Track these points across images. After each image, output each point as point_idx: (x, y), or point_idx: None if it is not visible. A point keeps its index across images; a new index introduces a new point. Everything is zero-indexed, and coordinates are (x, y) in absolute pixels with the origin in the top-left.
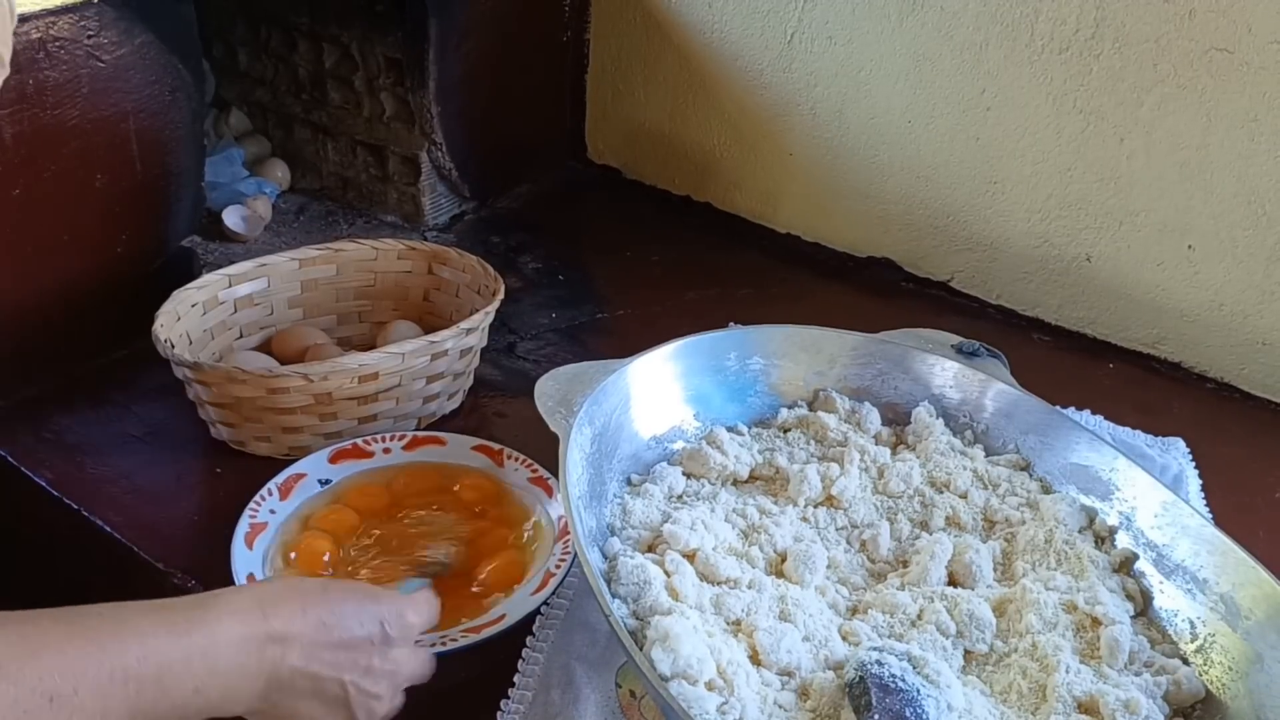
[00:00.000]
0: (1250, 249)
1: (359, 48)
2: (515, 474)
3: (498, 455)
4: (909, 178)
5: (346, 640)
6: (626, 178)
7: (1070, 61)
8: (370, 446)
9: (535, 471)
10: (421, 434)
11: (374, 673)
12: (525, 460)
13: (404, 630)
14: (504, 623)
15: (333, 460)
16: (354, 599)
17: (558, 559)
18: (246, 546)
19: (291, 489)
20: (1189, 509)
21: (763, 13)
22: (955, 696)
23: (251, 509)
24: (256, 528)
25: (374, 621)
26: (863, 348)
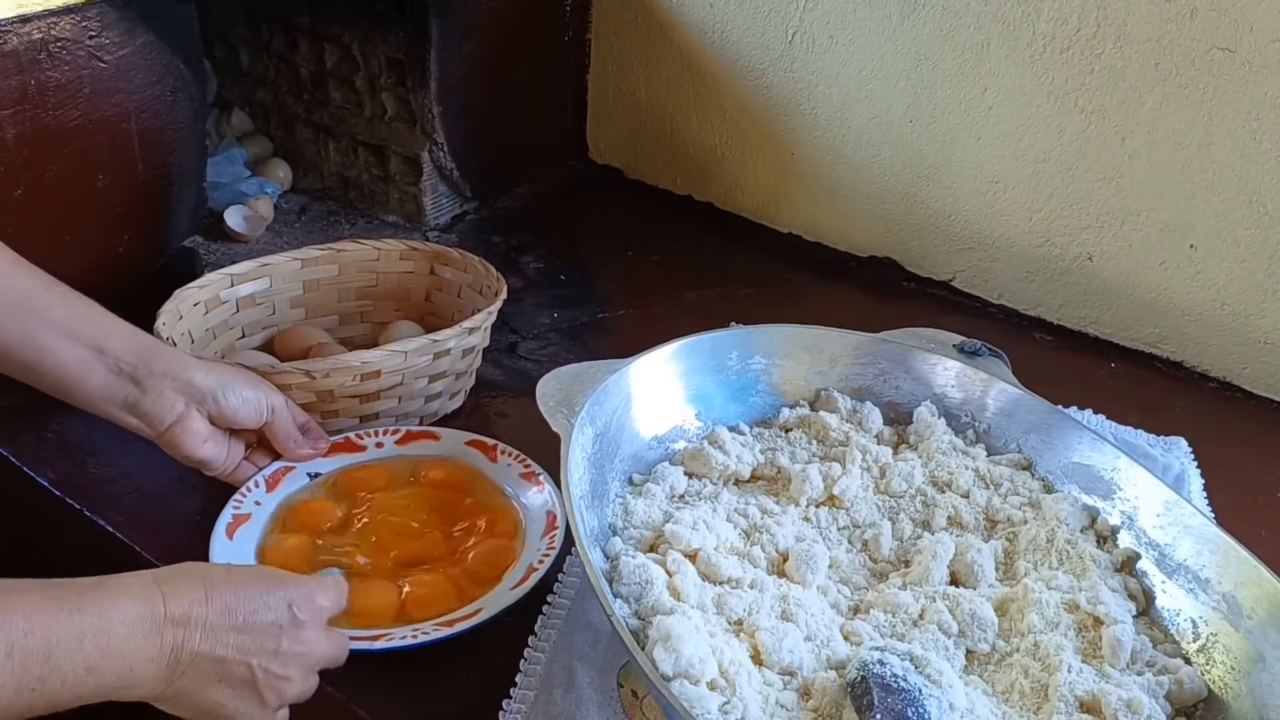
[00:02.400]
0: (1252, 248)
1: (360, 48)
2: (508, 469)
3: (491, 450)
4: (911, 177)
5: (252, 624)
6: (628, 177)
7: (1072, 61)
8: (362, 441)
9: (528, 467)
10: (415, 429)
11: (282, 656)
12: (518, 455)
13: (314, 613)
14: (479, 617)
15: (325, 454)
16: (260, 583)
17: (542, 553)
18: (227, 537)
19: (279, 481)
20: (1191, 508)
21: (764, 12)
22: (957, 696)
23: (236, 500)
24: (239, 519)
25: (281, 605)
26: (864, 347)
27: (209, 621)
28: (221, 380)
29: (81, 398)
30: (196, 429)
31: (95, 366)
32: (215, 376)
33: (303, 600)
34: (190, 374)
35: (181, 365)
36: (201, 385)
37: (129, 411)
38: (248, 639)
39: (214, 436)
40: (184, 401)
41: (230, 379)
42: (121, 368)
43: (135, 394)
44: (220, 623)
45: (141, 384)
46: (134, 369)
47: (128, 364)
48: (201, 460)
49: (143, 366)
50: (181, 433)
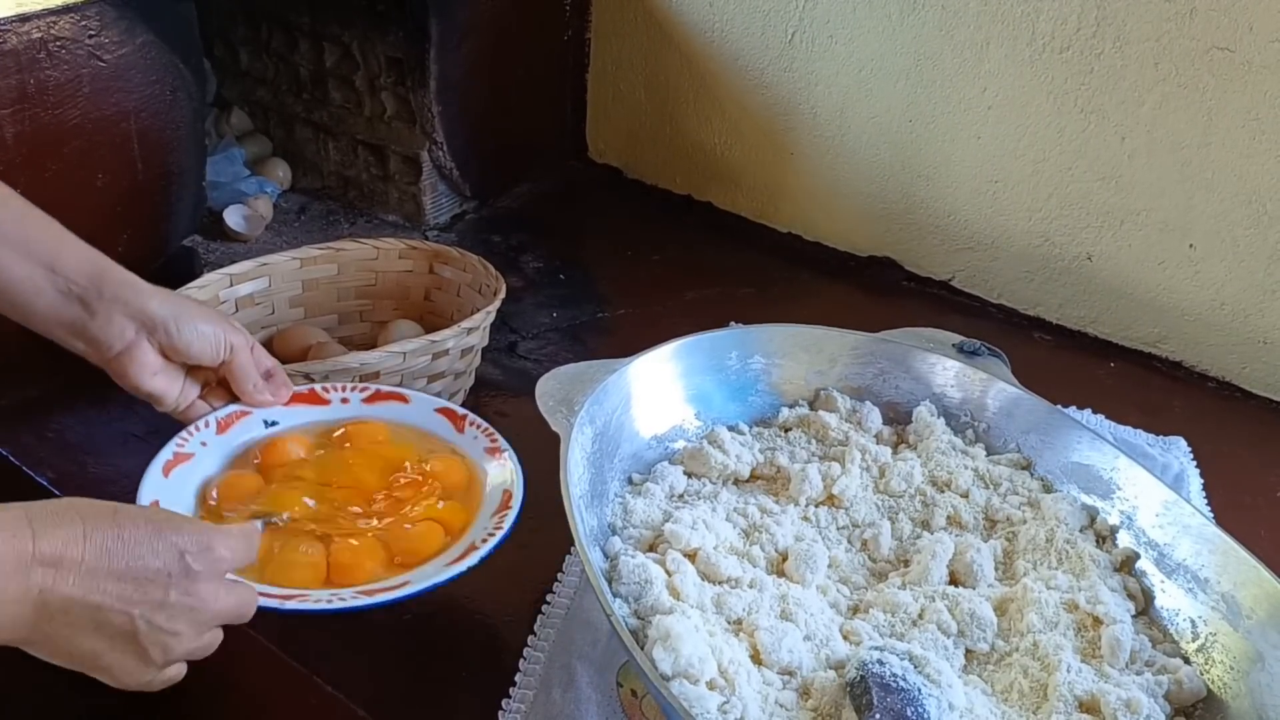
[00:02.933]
0: (1251, 248)
1: (360, 47)
2: (474, 442)
3: (459, 421)
4: (910, 177)
5: (136, 570)
6: (627, 177)
7: (1071, 61)
8: (328, 395)
9: (494, 441)
10: (385, 389)
11: (170, 608)
12: (485, 429)
13: (210, 564)
14: (403, 590)
15: (287, 404)
16: (149, 526)
17: (487, 532)
18: (162, 475)
19: (231, 425)
20: (1190, 508)
21: (764, 12)
22: (956, 696)
23: (181, 438)
24: (180, 458)
25: (171, 552)
26: (864, 347)
27: (85, 564)
28: (176, 311)
29: (30, 318)
30: (146, 360)
31: (44, 286)
32: (171, 306)
33: (197, 548)
34: (144, 301)
35: (135, 291)
36: (154, 314)
37: (76, 335)
38: (129, 587)
39: (166, 370)
40: (134, 329)
41: (186, 310)
42: (71, 289)
43: (84, 317)
44: (98, 566)
45: (90, 307)
46: (84, 291)
47: (78, 285)
48: (150, 393)
49: (93, 289)
50: (130, 362)
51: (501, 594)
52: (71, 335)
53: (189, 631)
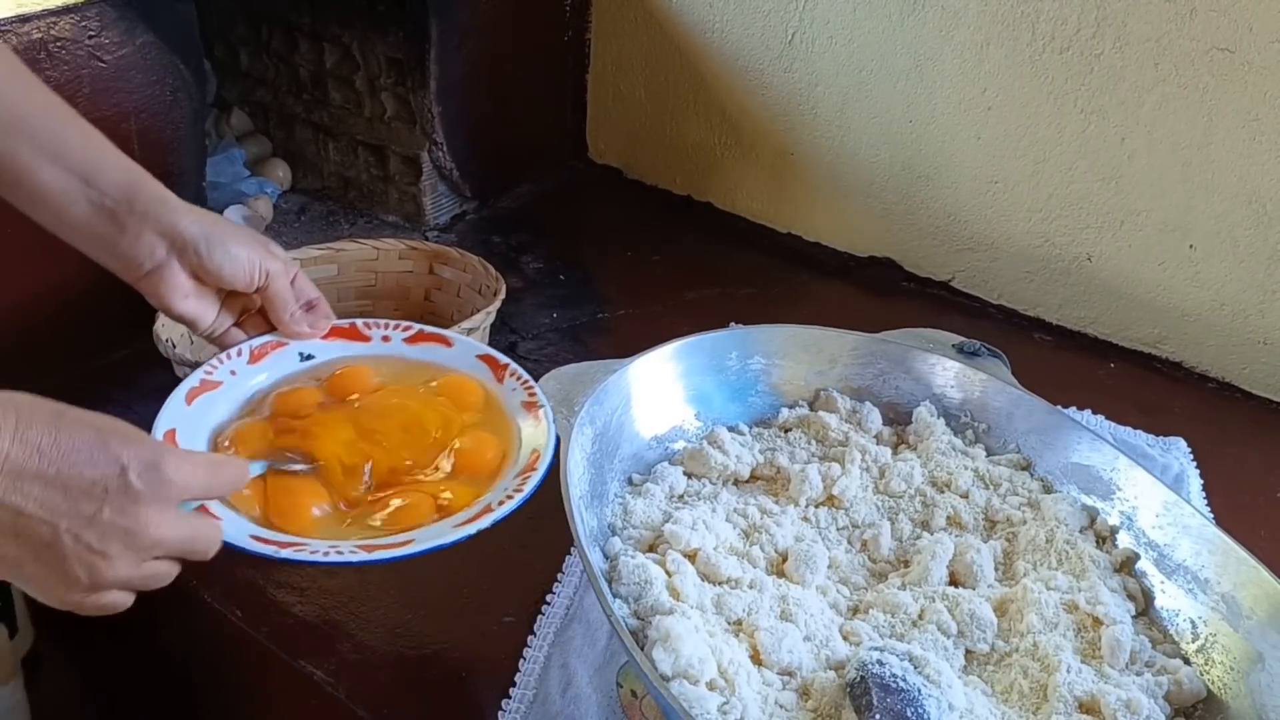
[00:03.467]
0: (1251, 248)
1: (360, 48)
2: (511, 394)
3: (500, 369)
4: (910, 177)
5: (68, 478)
6: (627, 177)
7: (1071, 61)
8: (369, 331)
9: (532, 396)
10: (429, 330)
11: (100, 525)
12: (525, 381)
13: (155, 485)
14: (406, 549)
15: (325, 338)
16: (92, 432)
17: (506, 493)
18: (184, 402)
19: (265, 355)
20: (1190, 509)
21: (764, 12)
22: (956, 696)
23: (209, 366)
24: (206, 385)
25: (112, 464)
26: (864, 347)
27: (10, 461)
28: (208, 231)
29: (62, 230)
30: (177, 282)
31: (77, 197)
32: (203, 226)
33: (142, 465)
34: (175, 219)
35: (168, 208)
36: (185, 233)
37: (106, 251)
38: (58, 495)
39: (198, 294)
40: (165, 248)
41: (220, 231)
42: (104, 202)
43: (114, 233)
44: (25, 466)
45: (121, 222)
46: (116, 204)
47: (111, 198)
48: (182, 316)
49: (125, 203)
50: (160, 282)
51: (501, 594)
52: (102, 251)
53: (123, 556)
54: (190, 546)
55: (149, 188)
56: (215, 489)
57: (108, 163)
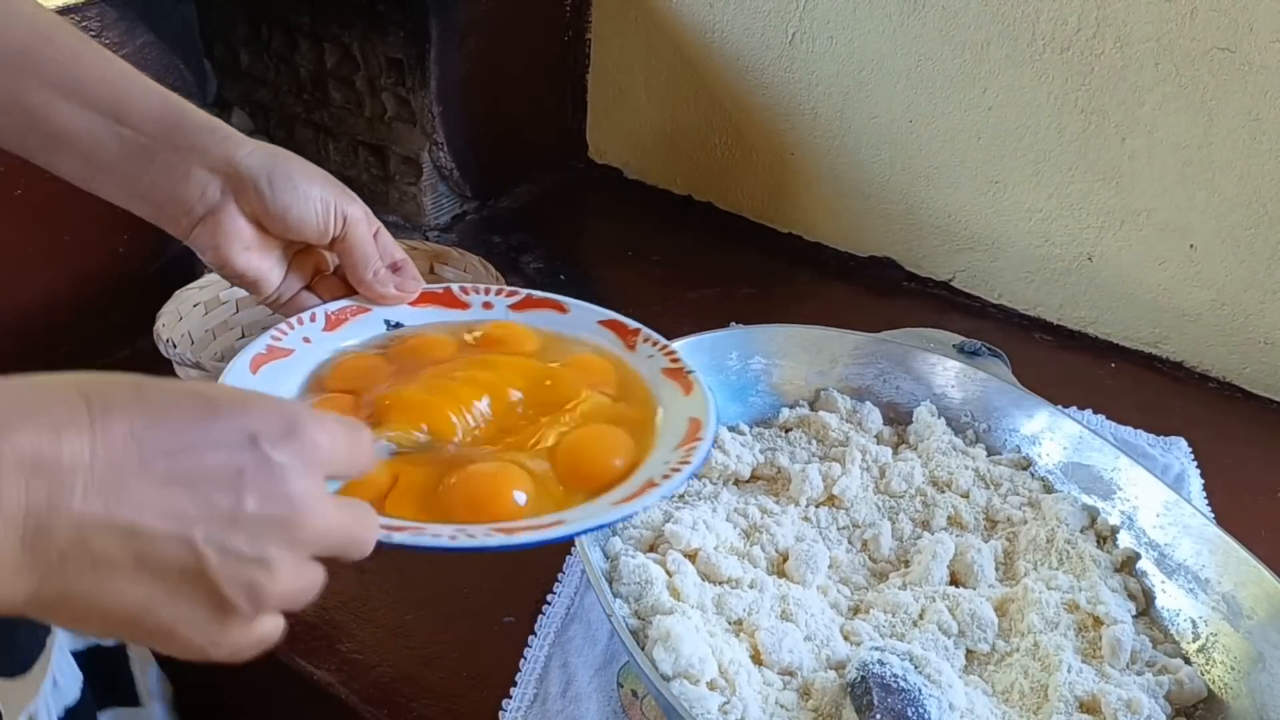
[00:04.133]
0: (1252, 248)
1: (360, 48)
2: (648, 361)
3: (630, 335)
4: (910, 177)
5: (186, 467)
6: (627, 177)
7: (1072, 61)
8: (467, 297)
9: (675, 361)
10: (538, 295)
11: (248, 522)
12: (663, 346)
13: (300, 453)
14: (555, 531)
15: (415, 303)
16: (194, 400)
17: (670, 466)
18: (248, 369)
19: (344, 321)
20: (1191, 508)
21: (764, 12)
22: (957, 696)
23: (278, 330)
24: (275, 353)
25: (237, 434)
26: (864, 347)
27: (101, 462)
28: (271, 164)
29: (95, 180)
30: (235, 228)
31: (105, 137)
32: (266, 158)
33: (277, 430)
34: (230, 151)
35: (218, 137)
36: (244, 166)
37: (146, 201)
38: (180, 494)
39: (262, 245)
40: (218, 187)
41: (287, 165)
42: (139, 139)
43: (154, 175)
44: (123, 464)
45: (163, 160)
46: (152, 140)
47: (146, 134)
48: (243, 274)
49: (164, 138)
50: (215, 230)
51: (501, 594)
52: (142, 199)
53: (285, 557)
54: (349, 536)
55: (192, 117)
56: (358, 461)
57: (136, 93)
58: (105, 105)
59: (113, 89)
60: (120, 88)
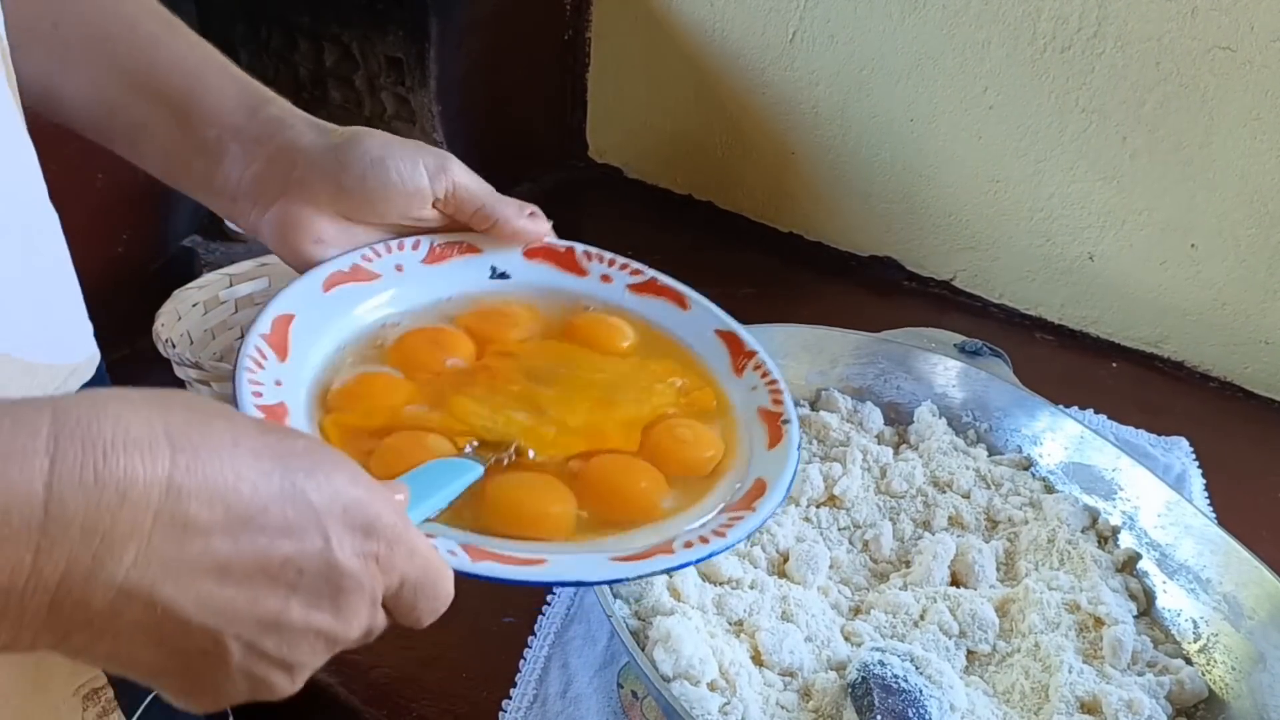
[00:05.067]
0: (1253, 248)
1: (359, 47)
2: (750, 394)
3: (743, 356)
4: (911, 176)
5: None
6: (627, 176)
7: (1072, 60)
8: (589, 263)
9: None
10: (664, 281)
11: (285, 630)
12: (771, 381)
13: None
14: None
15: (530, 256)
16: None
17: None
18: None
19: (448, 257)
20: (1192, 509)
21: (764, 11)
22: (958, 697)
23: (370, 251)
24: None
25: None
26: (865, 347)
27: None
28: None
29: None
30: (300, 220)
31: (177, 135)
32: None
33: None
34: (295, 139)
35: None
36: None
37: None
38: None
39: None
40: (283, 180)
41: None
42: (209, 136)
43: (222, 171)
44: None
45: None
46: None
47: (216, 130)
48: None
49: (233, 133)
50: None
51: (501, 594)
52: (216, 197)
53: (313, 662)
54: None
55: (262, 108)
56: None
57: (210, 84)
58: (177, 99)
59: (186, 80)
60: (194, 79)
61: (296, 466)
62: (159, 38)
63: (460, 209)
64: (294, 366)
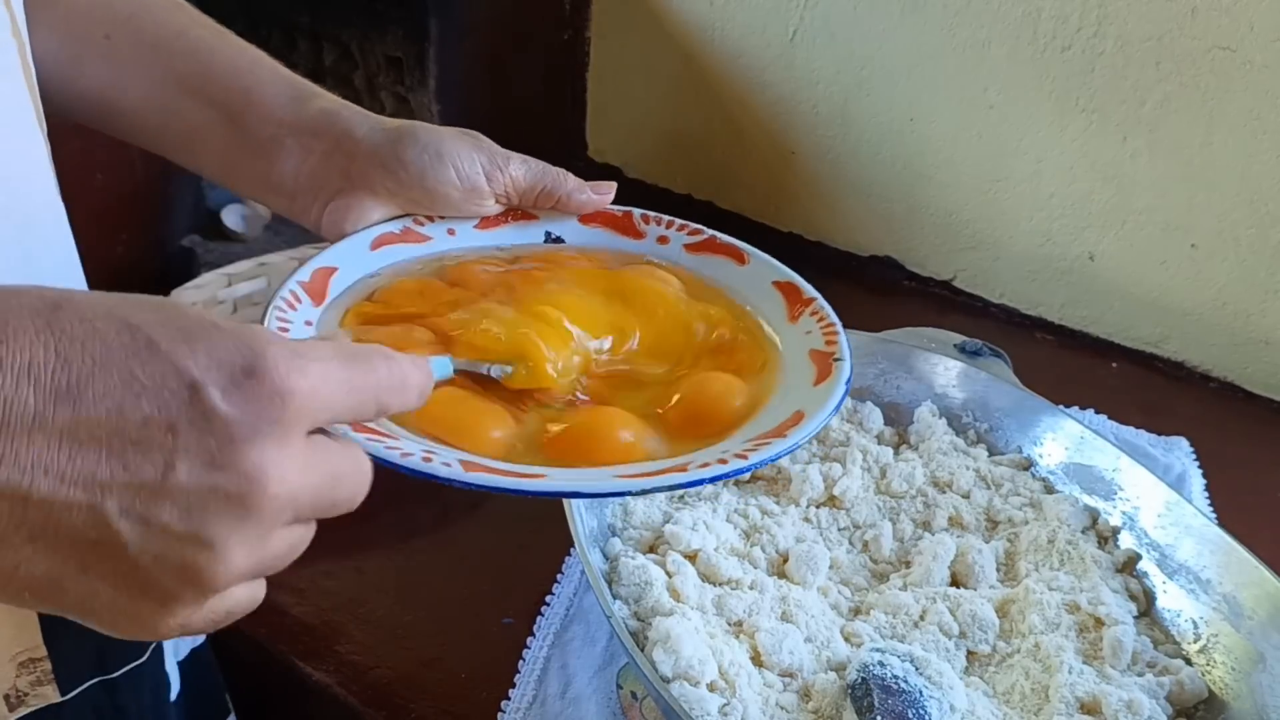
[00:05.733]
0: (1253, 248)
1: (359, 46)
2: (803, 338)
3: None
4: (911, 176)
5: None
6: (627, 176)
7: (1073, 60)
8: (644, 226)
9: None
10: (722, 239)
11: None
12: (827, 325)
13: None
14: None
15: (586, 221)
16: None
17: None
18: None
19: (501, 225)
20: (1192, 509)
21: (764, 10)
22: (958, 697)
23: (423, 215)
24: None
25: (171, 380)
26: (865, 347)
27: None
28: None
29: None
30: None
31: (233, 137)
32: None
33: (229, 374)
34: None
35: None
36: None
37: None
38: (90, 453)
39: None
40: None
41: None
42: (264, 134)
43: (279, 168)
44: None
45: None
46: (276, 133)
47: (271, 127)
48: None
49: (288, 130)
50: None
51: (501, 594)
52: (275, 195)
53: (234, 532)
54: (330, 499)
55: (313, 102)
56: (368, 404)
57: (263, 84)
58: (231, 101)
59: (240, 80)
60: (246, 81)
61: (152, 325)
62: (209, 43)
63: (522, 200)
64: (327, 311)
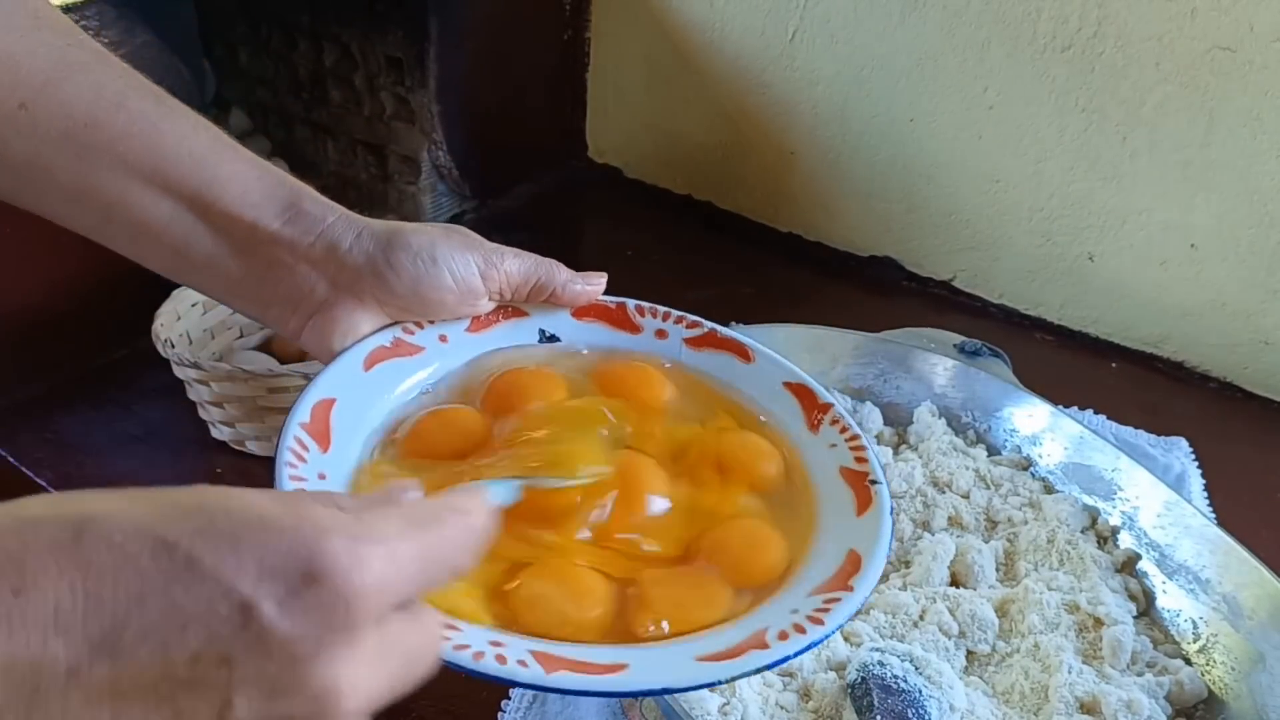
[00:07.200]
0: (1253, 248)
1: (359, 46)
2: (829, 452)
3: (817, 410)
4: (911, 176)
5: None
6: (627, 177)
7: (1072, 60)
8: (641, 319)
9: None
10: (724, 333)
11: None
12: (852, 436)
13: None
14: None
15: (579, 315)
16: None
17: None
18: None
19: (493, 325)
20: (1191, 509)
21: (764, 11)
22: (957, 697)
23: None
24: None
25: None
26: (864, 347)
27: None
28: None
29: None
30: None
31: (194, 233)
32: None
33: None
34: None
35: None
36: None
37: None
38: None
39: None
40: (326, 283)
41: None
42: (233, 234)
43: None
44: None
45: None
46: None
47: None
48: None
49: (261, 230)
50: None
51: None
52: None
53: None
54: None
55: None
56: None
57: (226, 172)
58: (190, 190)
59: (198, 167)
60: (207, 167)
61: (176, 535)
62: (155, 120)
63: (515, 295)
64: (337, 457)
